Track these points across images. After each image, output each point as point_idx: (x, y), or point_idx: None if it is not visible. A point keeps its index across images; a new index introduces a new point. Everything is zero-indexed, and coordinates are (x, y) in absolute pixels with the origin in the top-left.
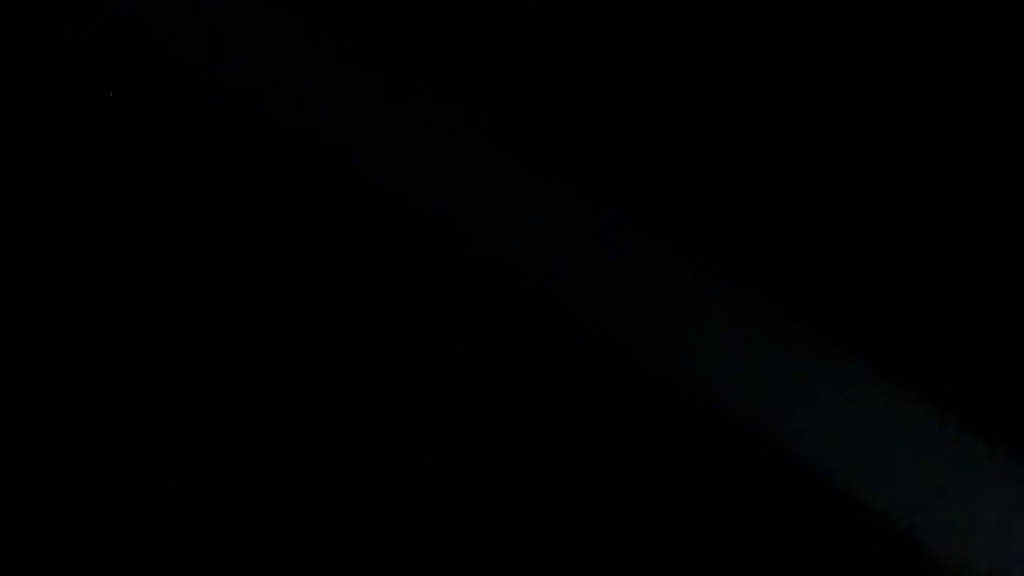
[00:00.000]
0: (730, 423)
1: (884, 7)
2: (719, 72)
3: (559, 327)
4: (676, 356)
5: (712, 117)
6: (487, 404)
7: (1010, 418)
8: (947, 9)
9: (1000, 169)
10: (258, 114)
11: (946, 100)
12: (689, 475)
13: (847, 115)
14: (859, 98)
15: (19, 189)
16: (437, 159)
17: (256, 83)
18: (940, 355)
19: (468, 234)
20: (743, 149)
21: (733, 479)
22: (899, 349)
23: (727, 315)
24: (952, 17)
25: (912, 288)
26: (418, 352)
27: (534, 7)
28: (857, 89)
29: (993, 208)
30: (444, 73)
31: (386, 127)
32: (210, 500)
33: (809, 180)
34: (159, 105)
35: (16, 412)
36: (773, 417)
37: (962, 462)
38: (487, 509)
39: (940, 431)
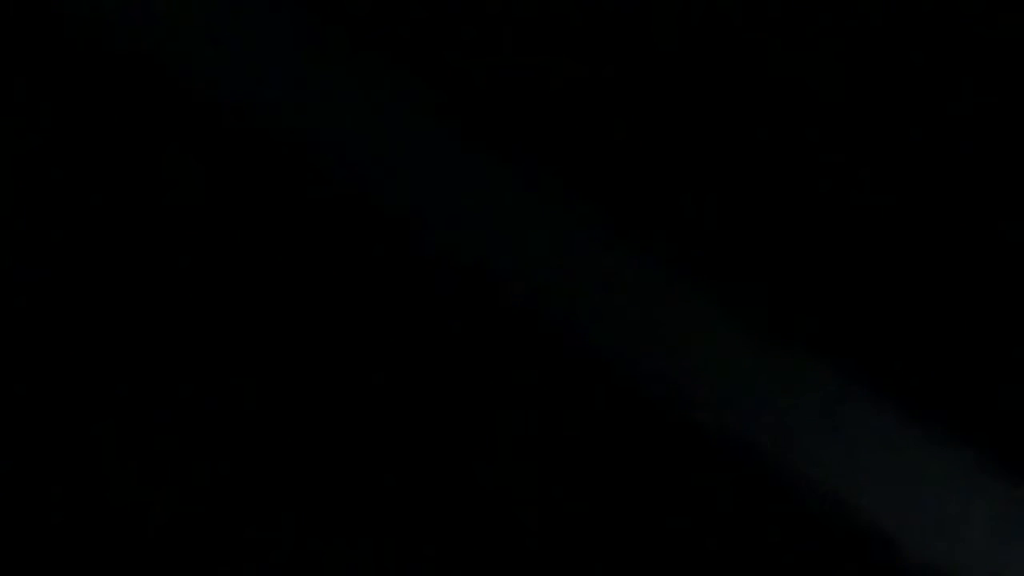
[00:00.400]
0: (724, 431)
1: (885, 7)
2: (718, 75)
3: (556, 334)
4: (673, 363)
5: (712, 122)
6: (484, 410)
7: (1000, 423)
8: (947, 9)
9: (999, 172)
10: (258, 114)
11: (945, 101)
12: (685, 482)
13: (844, 117)
14: (855, 100)
15: (18, 189)
16: (435, 162)
17: (255, 84)
18: (929, 361)
19: (465, 237)
20: (741, 156)
21: (728, 488)
22: (891, 356)
23: (723, 324)
24: (953, 17)
25: (906, 295)
26: (412, 355)
27: (532, 8)
28: (852, 94)
29: (991, 211)
30: (445, 76)
31: (385, 128)
32: (208, 500)
33: (803, 187)
34: (158, 105)
35: (16, 412)
36: (766, 424)
37: (954, 467)
38: (484, 513)
39: (931, 436)
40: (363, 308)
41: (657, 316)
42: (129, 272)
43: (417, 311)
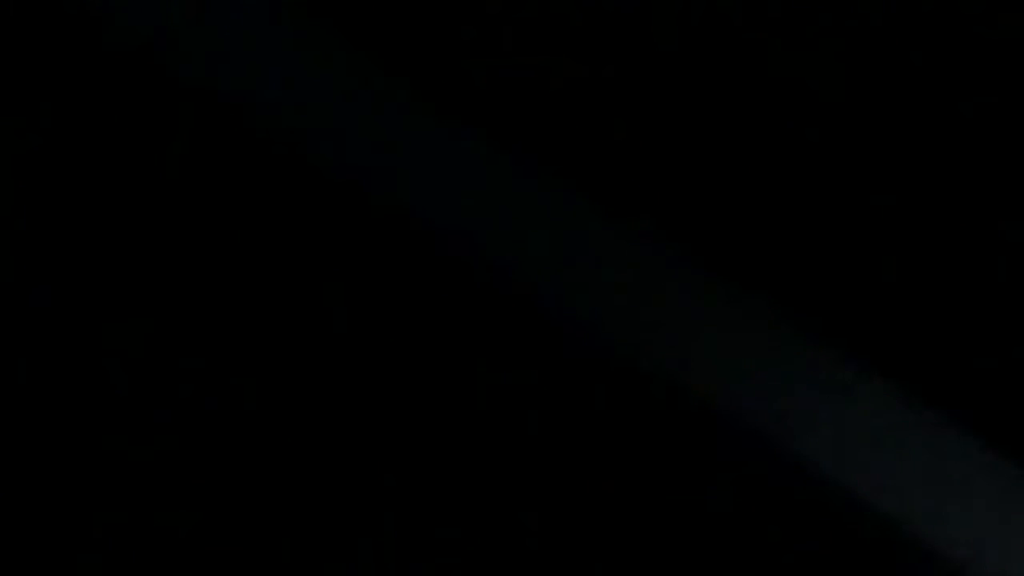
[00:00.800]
0: (727, 425)
1: (885, 6)
2: (718, 74)
3: (556, 332)
4: (674, 360)
5: (712, 119)
6: (484, 410)
7: (1002, 418)
8: (947, 9)
9: (999, 172)
10: (257, 114)
11: (945, 101)
12: (686, 479)
13: (844, 117)
14: (855, 100)
15: (19, 189)
16: (435, 161)
17: (255, 83)
18: (934, 353)
19: (463, 237)
20: (742, 155)
21: (729, 485)
22: (894, 349)
23: (726, 316)
24: (953, 17)
25: (908, 293)
26: (412, 354)
27: (532, 8)
28: (854, 91)
29: (990, 209)
30: (445, 76)
31: (384, 128)
32: (209, 500)
33: (803, 186)
34: (158, 105)
35: (16, 412)
36: (770, 416)
37: (956, 460)
38: (485, 513)
39: (935, 428)
40: (362, 307)
41: (658, 313)
42: (129, 272)
43: (417, 310)
